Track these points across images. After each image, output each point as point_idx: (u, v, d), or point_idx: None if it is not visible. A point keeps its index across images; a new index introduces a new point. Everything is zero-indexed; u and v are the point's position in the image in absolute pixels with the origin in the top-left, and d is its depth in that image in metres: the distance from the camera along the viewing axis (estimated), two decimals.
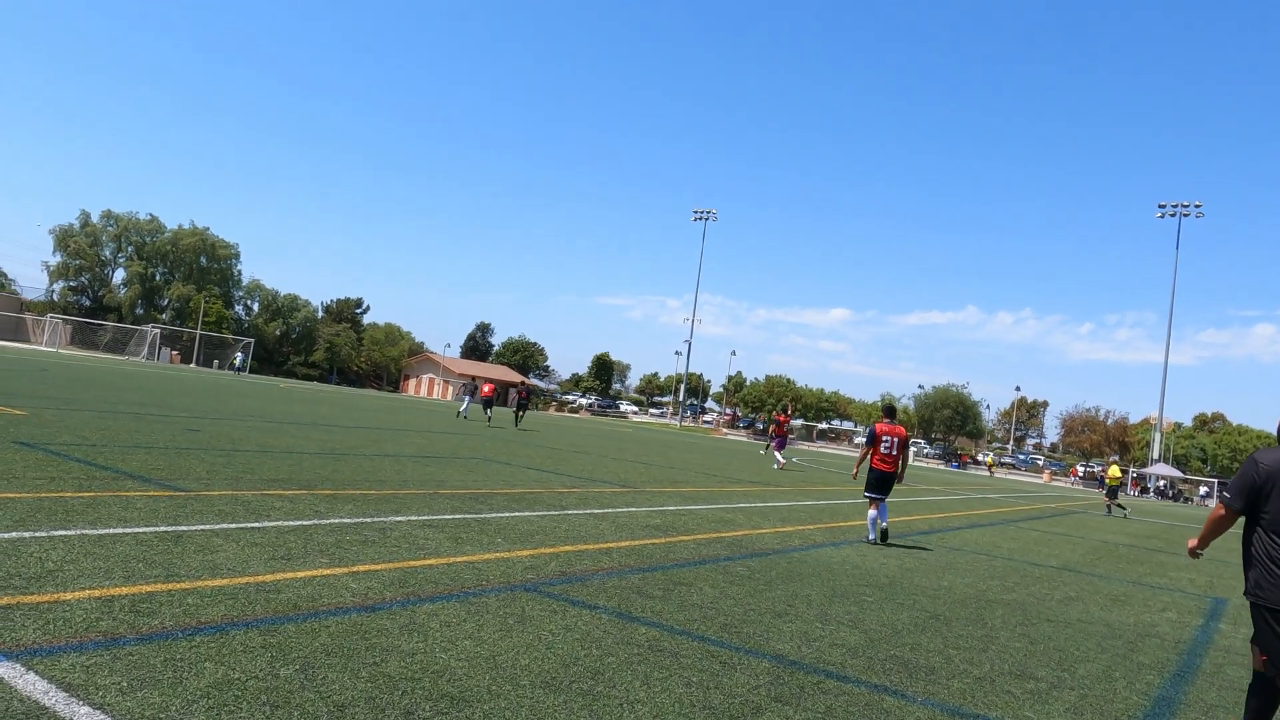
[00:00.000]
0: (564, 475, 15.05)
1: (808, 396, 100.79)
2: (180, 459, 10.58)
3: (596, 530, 9.21)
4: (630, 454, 24.77)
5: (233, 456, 11.50)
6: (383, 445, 16.41)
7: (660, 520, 10.73)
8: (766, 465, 28.91)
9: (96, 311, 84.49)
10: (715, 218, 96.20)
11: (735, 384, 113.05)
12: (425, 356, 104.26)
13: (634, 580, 6.92)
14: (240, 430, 15.57)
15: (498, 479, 13.04)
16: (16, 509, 6.54)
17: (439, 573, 6.27)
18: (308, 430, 17.62)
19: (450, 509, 9.35)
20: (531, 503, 10.75)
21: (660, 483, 16.22)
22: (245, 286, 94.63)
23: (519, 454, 18.71)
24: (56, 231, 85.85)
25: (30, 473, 8.23)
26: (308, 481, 10.02)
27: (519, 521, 9.10)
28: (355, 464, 12.52)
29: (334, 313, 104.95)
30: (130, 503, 7.36)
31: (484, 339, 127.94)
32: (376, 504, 9.03)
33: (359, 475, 11.28)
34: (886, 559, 10.15)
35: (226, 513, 7.46)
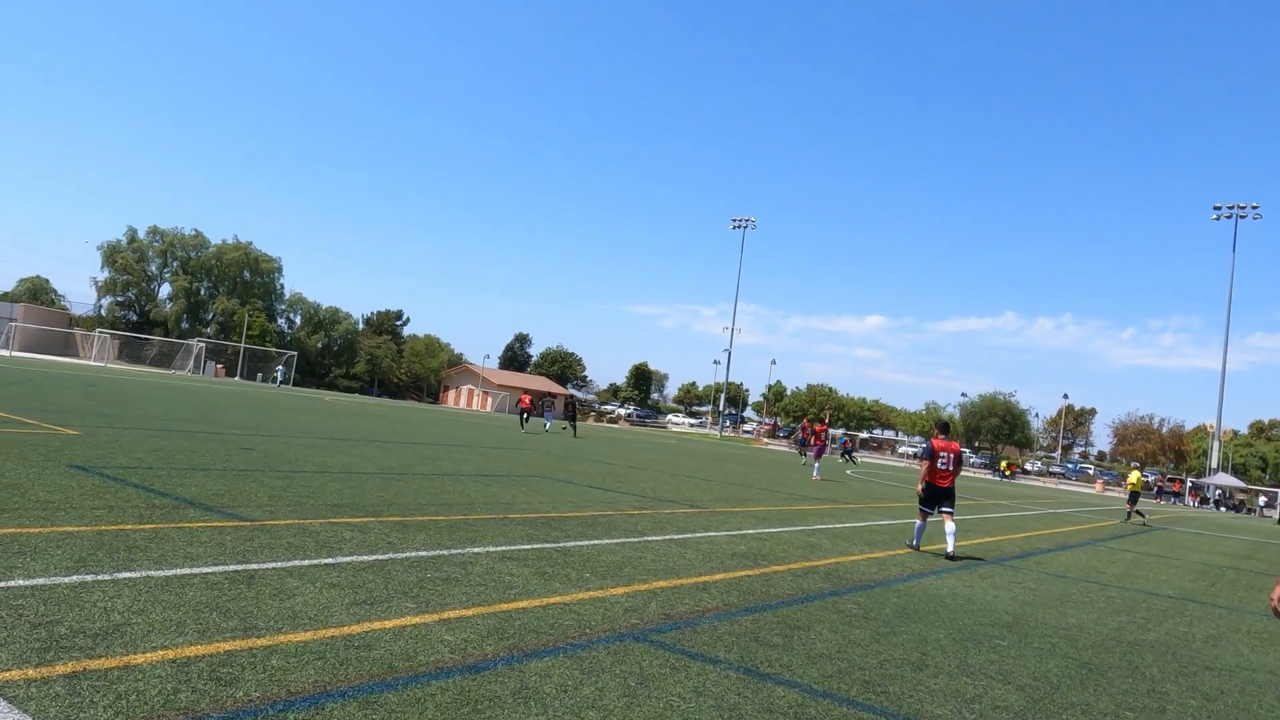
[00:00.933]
0: (628, 494, 14.40)
1: (850, 405, 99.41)
2: (239, 482, 10.09)
3: (684, 560, 8.54)
4: (685, 468, 24.07)
5: (292, 479, 11.00)
6: (439, 463, 15.88)
7: (745, 547, 10.02)
8: (830, 481, 28.04)
9: (143, 326, 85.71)
10: (754, 225, 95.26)
11: (775, 393, 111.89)
12: (464, 368, 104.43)
13: (746, 624, 6.23)
14: (294, 448, 15.13)
15: (564, 500, 12.42)
16: (77, 546, 6.02)
17: (535, 618, 5.63)
18: (361, 447, 17.17)
19: (526, 537, 8.73)
20: (607, 528, 10.10)
21: (727, 501, 15.50)
22: (287, 300, 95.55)
23: (576, 471, 18.10)
24: (105, 248, 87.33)
25: (88, 501, 7.74)
26: (373, 507, 9.46)
27: (601, 551, 8.46)
28: (416, 485, 11.97)
29: (374, 325, 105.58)
30: (194, 536, 6.82)
31: (522, 349, 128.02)
32: (449, 532, 8.44)
33: (423, 498, 10.71)
34: (996, 590, 9.35)
35: (296, 546, 6.90)
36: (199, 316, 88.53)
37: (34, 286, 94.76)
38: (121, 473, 9.74)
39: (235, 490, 9.44)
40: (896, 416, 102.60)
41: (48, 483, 8.45)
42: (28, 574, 5.20)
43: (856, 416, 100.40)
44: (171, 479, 9.71)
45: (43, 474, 8.96)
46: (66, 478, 8.89)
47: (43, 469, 9.29)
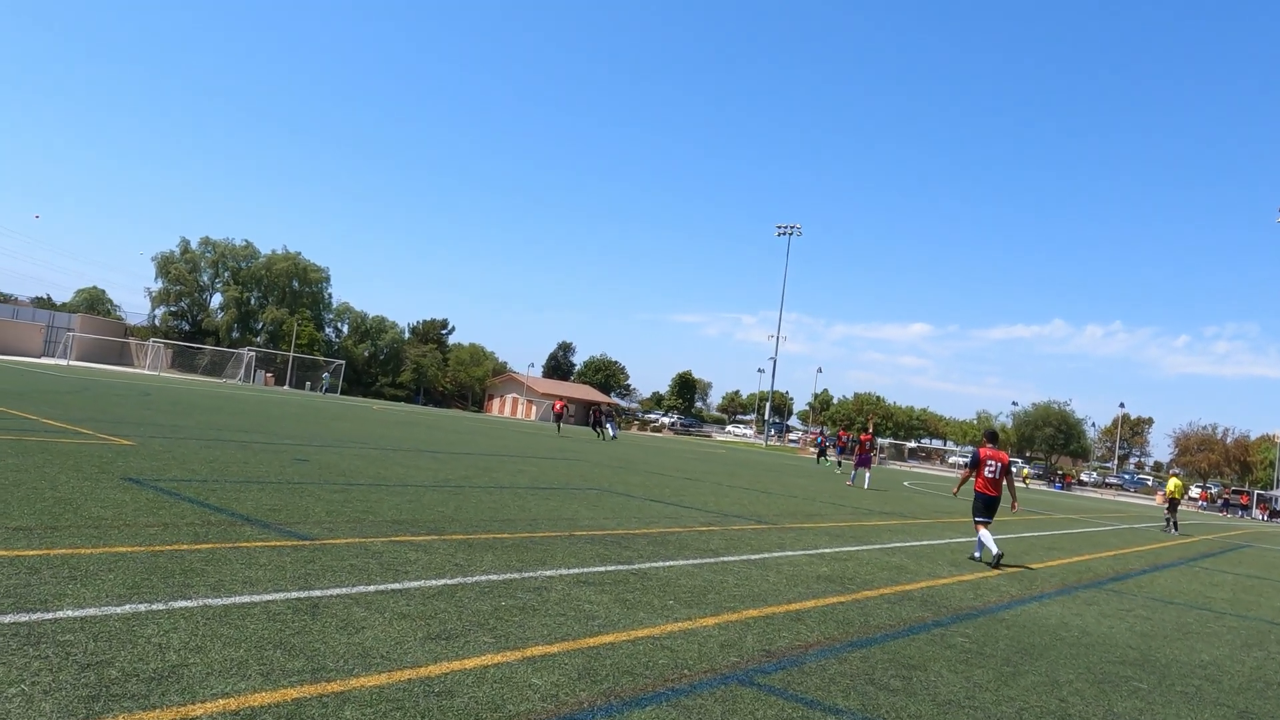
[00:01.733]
0: (691, 509, 13.79)
1: (898, 414, 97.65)
2: (295, 496, 9.68)
3: (768, 585, 7.92)
4: (741, 480, 23.39)
5: (348, 492, 10.58)
6: (494, 475, 15.42)
7: (828, 568, 9.36)
8: (888, 492, 27.16)
9: (195, 335, 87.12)
10: (799, 232, 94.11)
11: (821, 401, 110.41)
12: (509, 376, 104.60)
13: (855, 662, 5.60)
14: (348, 459, 14.78)
15: (628, 515, 11.85)
16: (130, 568, 5.59)
17: (626, 655, 5.06)
18: (414, 458, 16.79)
19: (597, 557, 8.17)
20: (679, 547, 9.51)
21: (794, 516, 14.82)
22: (335, 309, 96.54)
23: (633, 483, 17.54)
24: (158, 258, 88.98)
25: (142, 517, 7.35)
26: (434, 523, 8.98)
27: (678, 574, 7.87)
28: (476, 500, 11.49)
29: (420, 334, 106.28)
30: (253, 557, 6.37)
31: (565, 358, 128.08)
32: (516, 552, 7.92)
33: (485, 514, 10.22)
34: (1108, 620, 8.59)
35: (359, 569, 6.41)
36: (249, 326, 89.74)
37: (91, 297, 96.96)
38: (175, 486, 9.38)
39: (292, 505, 9.02)
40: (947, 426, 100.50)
41: (101, 497, 8.10)
42: (78, 602, 4.76)
43: (905, 425, 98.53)
44: (226, 493, 9.33)
45: (96, 487, 8.62)
46: (120, 492, 8.55)
47: (96, 482, 8.96)
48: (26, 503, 7.41)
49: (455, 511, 10.06)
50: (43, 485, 8.37)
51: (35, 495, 7.80)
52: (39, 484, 8.41)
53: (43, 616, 4.46)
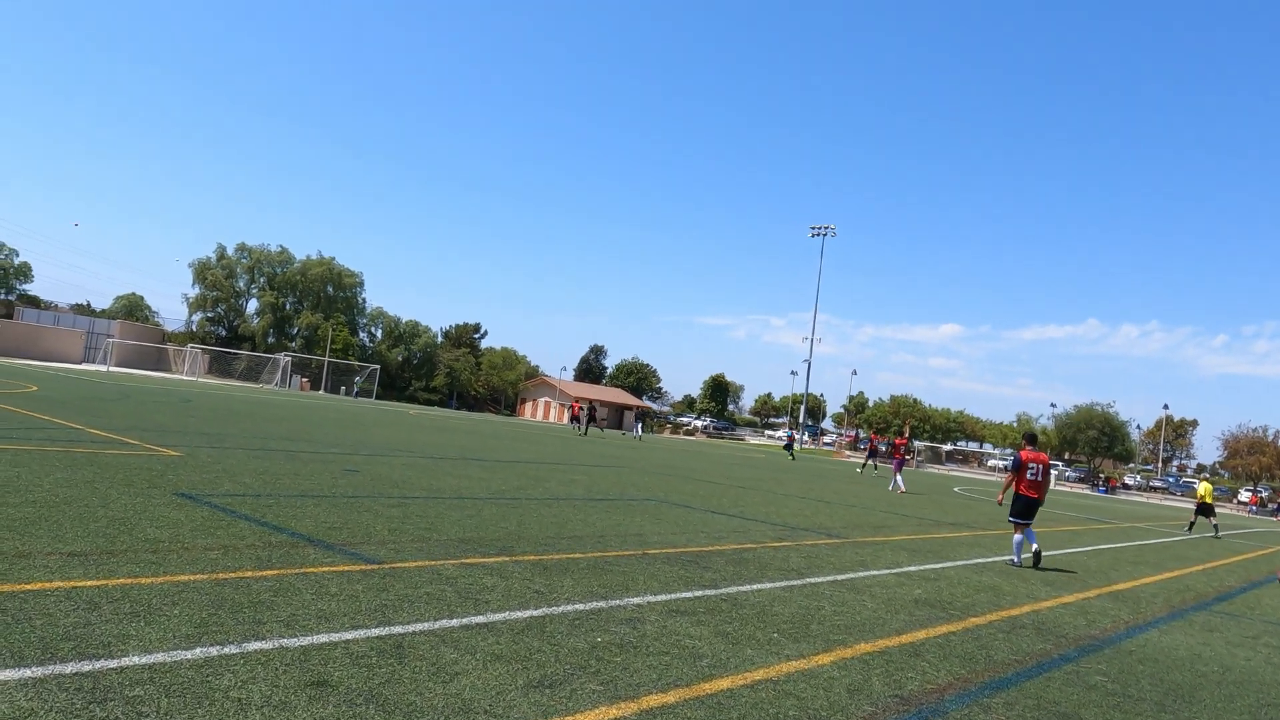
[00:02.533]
0: (756, 521, 13.18)
1: (935, 417, 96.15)
2: (353, 512, 9.21)
3: (868, 612, 7.30)
4: (792, 487, 22.71)
5: (406, 507, 10.10)
6: (546, 485, 14.91)
7: (921, 590, 8.72)
8: (943, 499, 26.35)
9: (232, 341, 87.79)
10: (834, 233, 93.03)
11: (857, 404, 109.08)
12: (541, 380, 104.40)
13: (999, 709, 4.98)
14: (397, 469, 14.33)
15: (694, 529, 11.27)
16: (195, 601, 5.10)
17: (751, 706, 4.49)
18: (463, 467, 16.32)
19: (680, 580, 7.60)
20: (759, 566, 8.92)
21: (861, 529, 14.16)
22: (369, 314, 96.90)
23: (687, 491, 16.95)
24: (195, 265, 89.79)
25: (200, 539, 6.90)
26: (501, 542, 8.46)
27: (770, 599, 7.28)
28: (535, 513, 10.97)
29: (453, 338, 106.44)
30: (322, 585, 5.87)
31: (597, 361, 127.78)
32: (594, 575, 7.37)
33: (549, 530, 9.69)
34: (1240, 650, 7.88)
35: (436, 599, 5.89)
36: (284, 331, 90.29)
37: (129, 304, 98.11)
38: (230, 502, 8.94)
39: (352, 523, 8.54)
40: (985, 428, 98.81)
41: (155, 515, 7.67)
42: (144, 646, 4.27)
43: (942, 428, 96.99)
44: (283, 509, 8.87)
45: (149, 504, 8.20)
46: (174, 508, 8.11)
47: (149, 498, 8.55)
48: (79, 523, 6.99)
49: (519, 528, 9.54)
50: (94, 503, 7.96)
51: (88, 514, 7.38)
52: (90, 501, 8.00)
53: (107, 664, 3.98)
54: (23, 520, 6.84)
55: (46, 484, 8.68)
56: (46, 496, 7.98)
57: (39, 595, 4.91)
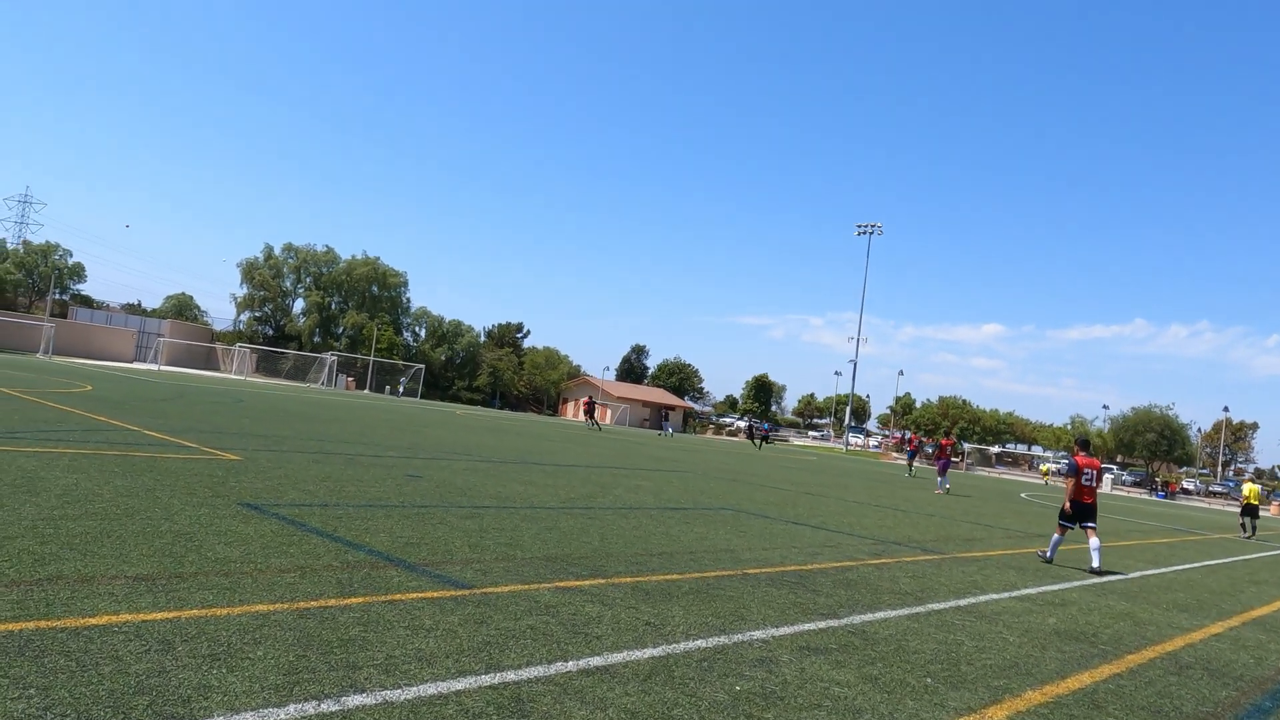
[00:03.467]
0: (841, 533, 12.37)
1: (985, 419, 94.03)
2: (425, 524, 8.58)
3: (1012, 648, 6.48)
4: (858, 493, 21.79)
5: (480, 518, 9.45)
6: (614, 492, 14.22)
7: (1055, 620, 7.86)
8: (1017, 507, 25.23)
9: (278, 340, 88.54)
10: (880, 231, 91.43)
11: (903, 405, 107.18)
12: (583, 380, 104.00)
13: None
14: (459, 474, 13.73)
15: (783, 543, 10.49)
16: (279, 639, 4.46)
17: None
18: (524, 472, 15.69)
19: (795, 608, 6.84)
20: (870, 590, 8.12)
21: (953, 542, 13.27)
22: (413, 314, 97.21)
23: (758, 499, 16.17)
24: (243, 265, 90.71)
25: (273, 558, 6.28)
26: (589, 561, 7.76)
27: (901, 632, 6.49)
28: (615, 526, 10.28)
29: (496, 338, 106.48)
30: (415, 617, 5.21)
31: (639, 361, 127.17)
32: (702, 601, 6.63)
33: (634, 545, 8.98)
34: None
35: (542, 633, 5.20)
36: (330, 330, 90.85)
37: (179, 303, 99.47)
38: (297, 513, 8.35)
39: (428, 538, 7.90)
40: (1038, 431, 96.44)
41: (222, 529, 7.09)
42: (228, 700, 3.62)
43: (992, 430, 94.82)
44: (353, 521, 8.26)
45: (215, 516, 7.63)
46: (241, 521, 7.53)
47: (213, 509, 7.98)
48: (144, 539, 6.41)
49: (603, 543, 8.84)
50: (157, 515, 7.40)
51: (151, 529, 6.81)
52: (153, 513, 7.45)
53: None
54: (84, 536, 6.28)
55: (107, 493, 8.16)
56: (107, 507, 7.44)
57: (106, 632, 4.30)
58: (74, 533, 6.34)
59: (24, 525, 6.39)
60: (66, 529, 6.43)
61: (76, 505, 7.39)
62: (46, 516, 6.79)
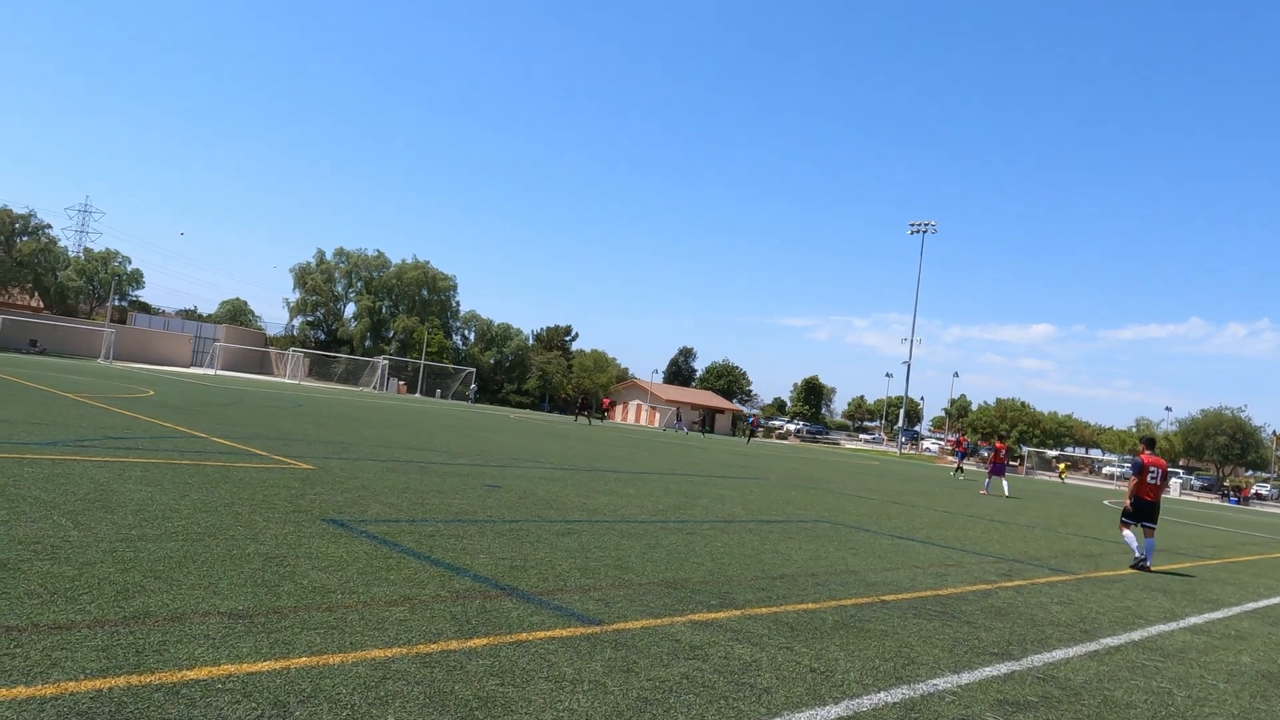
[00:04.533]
0: (954, 549, 11.42)
1: (1045, 421, 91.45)
2: (524, 544, 7.85)
3: (1229, 698, 5.55)
4: (943, 502, 20.71)
5: (576, 535, 8.70)
6: (699, 502, 13.41)
7: (1249, 658, 6.90)
8: (1111, 519, 23.92)
9: (330, 344, 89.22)
10: (935, 230, 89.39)
11: (959, 408, 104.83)
12: (632, 383, 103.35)
13: None
14: (537, 484, 13.02)
15: (901, 562, 9.59)
16: (408, 697, 3.73)
17: None
18: (601, 481, 14.95)
19: (962, 647, 5.96)
20: (1028, 621, 7.21)
21: (1075, 558, 12.23)
22: (462, 317, 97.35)
23: (849, 510, 15.25)
24: (296, 270, 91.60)
25: (374, 587, 5.57)
26: (713, 586, 6.97)
27: (1098, 679, 5.58)
28: (717, 542, 9.47)
29: (544, 341, 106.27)
30: (551, 663, 4.45)
31: (686, 363, 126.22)
32: (859, 638, 5.79)
33: (750, 567, 8.16)
34: None
35: (700, 684, 4.41)
36: (380, 334, 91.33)
37: (234, 309, 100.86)
38: (386, 531, 7.67)
39: (531, 559, 7.16)
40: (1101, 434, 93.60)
41: (312, 551, 6.41)
42: None
43: (1051, 433, 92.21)
44: (446, 540, 7.55)
45: (300, 535, 6.97)
46: (329, 541, 6.86)
47: (298, 526, 7.33)
48: (231, 564, 5.74)
49: (716, 564, 8.04)
50: (241, 534, 6.76)
51: (238, 551, 6.15)
52: (236, 532, 6.80)
53: None
54: (168, 561, 5.63)
55: (184, 508, 7.55)
56: (187, 526, 6.81)
57: (208, 690, 3.59)
58: (156, 557, 5.70)
59: (103, 548, 5.77)
60: (148, 553, 5.79)
61: (155, 523, 6.77)
62: (125, 537, 6.17)
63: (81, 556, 5.49)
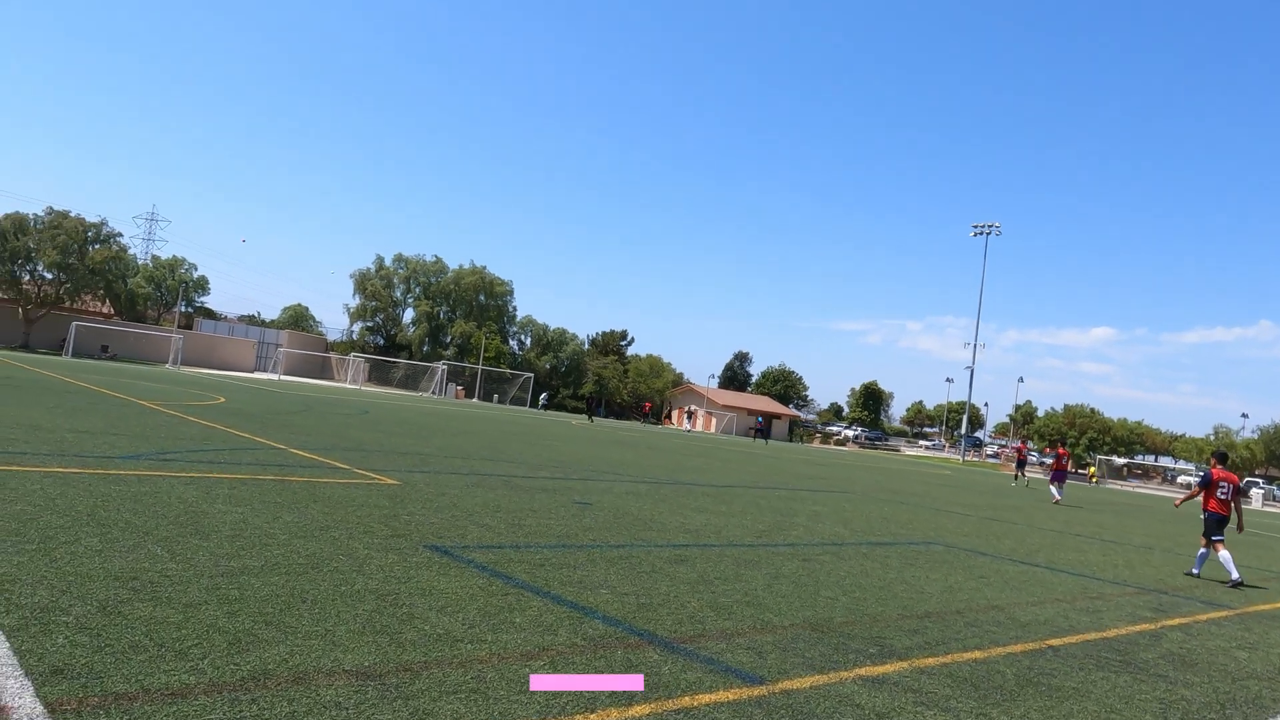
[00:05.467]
0: (1082, 576, 10.52)
1: (1116, 428, 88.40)
2: (640, 575, 7.21)
3: None
4: (1039, 518, 19.61)
5: (689, 562, 8.03)
6: (798, 520, 12.66)
7: None
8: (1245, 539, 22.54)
9: (389, 349, 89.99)
10: (999, 231, 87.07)
11: (1024, 414, 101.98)
12: (687, 387, 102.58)
13: None
14: (626, 499, 12.40)
15: (1039, 594, 8.73)
16: None
17: None
18: (688, 496, 14.27)
19: (1175, 712, 5.13)
20: (1227, 675, 6.36)
21: (1218, 589, 11.20)
22: (519, 322, 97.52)
23: (953, 529, 14.36)
24: (356, 276, 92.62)
25: (503, 633, 4.96)
26: (863, 630, 6.24)
27: None
28: (841, 571, 8.72)
29: (600, 345, 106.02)
30: None
31: (742, 368, 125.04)
32: (1054, 700, 5.04)
33: (887, 602, 7.41)
34: None
35: None
36: (438, 339, 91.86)
37: (295, 314, 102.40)
38: (493, 560, 7.08)
39: (655, 595, 6.50)
40: (1178, 443, 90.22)
41: (424, 585, 5.84)
42: None
43: (1123, 441, 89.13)
44: (561, 572, 6.93)
45: (406, 565, 6.42)
46: (438, 573, 6.29)
47: (401, 555, 6.77)
48: (342, 603, 5.19)
49: (851, 599, 7.30)
50: (344, 564, 6.21)
51: (346, 587, 5.59)
52: (339, 562, 6.26)
53: None
54: (274, 600, 5.08)
55: (280, 533, 7.04)
56: (287, 555, 6.28)
57: None
58: (262, 595, 5.16)
59: (204, 584, 5.24)
60: (252, 590, 5.25)
61: (253, 551, 6.25)
62: (225, 570, 5.65)
63: (184, 595, 4.97)
